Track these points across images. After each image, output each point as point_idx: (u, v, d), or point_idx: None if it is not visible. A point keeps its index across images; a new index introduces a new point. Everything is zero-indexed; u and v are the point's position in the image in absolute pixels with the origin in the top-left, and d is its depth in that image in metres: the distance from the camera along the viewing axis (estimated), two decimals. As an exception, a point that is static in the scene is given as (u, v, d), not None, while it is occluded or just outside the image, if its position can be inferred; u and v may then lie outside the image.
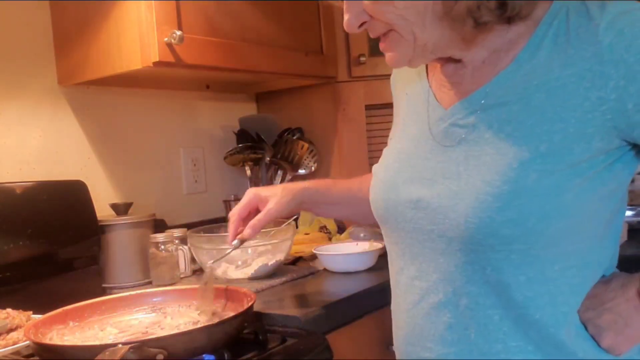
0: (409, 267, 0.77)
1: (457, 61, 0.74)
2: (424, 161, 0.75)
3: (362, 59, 1.71)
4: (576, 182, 0.64)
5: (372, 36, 0.72)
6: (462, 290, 0.71)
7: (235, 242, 0.95)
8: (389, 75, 0.93)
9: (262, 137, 1.73)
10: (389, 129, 0.93)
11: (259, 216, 0.96)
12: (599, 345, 0.69)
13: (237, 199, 1.66)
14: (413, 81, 0.83)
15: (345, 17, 0.70)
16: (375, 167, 0.86)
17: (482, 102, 0.71)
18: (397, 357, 0.83)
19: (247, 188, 1.74)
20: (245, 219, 0.98)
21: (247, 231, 0.95)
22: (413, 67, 0.75)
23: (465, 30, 0.68)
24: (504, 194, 0.65)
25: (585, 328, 0.69)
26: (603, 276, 0.72)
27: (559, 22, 0.67)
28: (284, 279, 1.23)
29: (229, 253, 1.00)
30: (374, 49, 1.79)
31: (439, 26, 0.68)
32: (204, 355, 0.77)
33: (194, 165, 1.73)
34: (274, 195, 0.97)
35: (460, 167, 0.70)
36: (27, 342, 0.85)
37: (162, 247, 1.29)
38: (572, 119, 0.64)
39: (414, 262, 0.76)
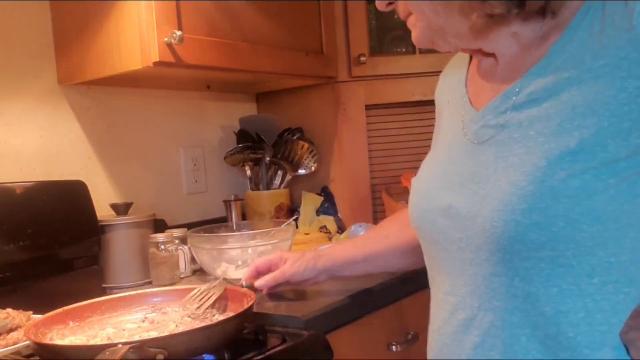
0: (443, 282, 0.74)
1: (490, 56, 0.72)
2: (455, 166, 0.73)
3: (362, 59, 1.71)
4: (610, 183, 0.58)
5: (402, 18, 0.72)
6: (488, 305, 0.66)
7: (245, 283, 1.06)
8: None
9: (262, 137, 1.73)
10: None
11: (274, 273, 1.05)
12: None
13: (237, 199, 1.68)
14: (455, 89, 0.81)
15: None
16: (413, 179, 0.84)
17: (513, 100, 0.67)
18: None
19: (247, 188, 1.76)
20: (262, 272, 1.08)
21: (259, 282, 1.06)
22: (441, 50, 0.73)
23: (476, 20, 0.66)
24: (529, 195, 0.61)
25: (627, 351, 0.61)
26: None
27: (595, 11, 0.62)
28: (284, 279, 1.23)
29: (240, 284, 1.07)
30: (374, 49, 1.79)
31: (451, 12, 0.66)
32: (204, 355, 0.77)
33: (194, 165, 1.73)
34: (293, 258, 1.06)
35: (489, 169, 0.67)
36: (27, 342, 0.85)
37: (162, 247, 1.29)
38: (606, 113, 0.59)
39: (448, 276, 0.73)
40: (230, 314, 0.92)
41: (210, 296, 0.95)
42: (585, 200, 0.58)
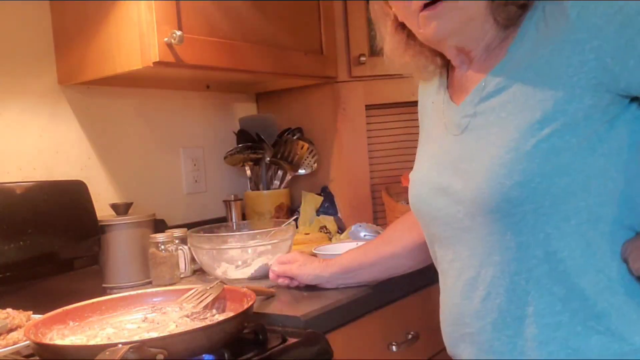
0: (446, 253, 0.86)
1: (465, 61, 0.86)
2: (447, 154, 0.85)
3: (362, 59, 1.71)
4: (573, 141, 0.72)
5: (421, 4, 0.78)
6: (488, 261, 0.78)
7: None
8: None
9: (262, 137, 1.73)
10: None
11: (285, 266, 1.14)
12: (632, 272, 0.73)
13: (237, 199, 1.68)
14: (438, 91, 0.93)
15: None
16: (411, 173, 0.96)
17: (484, 92, 0.81)
18: (444, 340, 0.91)
19: (247, 188, 1.76)
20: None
21: (273, 267, 1.17)
22: (450, 42, 0.84)
23: (510, 9, 0.78)
24: (507, 161, 0.74)
25: (627, 265, 0.73)
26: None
27: (538, 12, 0.76)
28: (284, 279, 1.23)
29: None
30: (374, 49, 1.79)
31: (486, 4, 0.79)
32: (204, 355, 0.77)
33: (194, 165, 1.73)
34: (302, 261, 1.13)
35: (473, 150, 0.80)
36: (27, 342, 0.85)
37: (162, 247, 1.29)
38: (560, 85, 0.72)
39: (450, 246, 0.85)
40: (230, 314, 0.92)
41: (207, 296, 0.95)
42: (554, 157, 0.72)
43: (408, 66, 0.93)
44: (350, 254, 1.13)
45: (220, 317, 0.92)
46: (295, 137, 1.79)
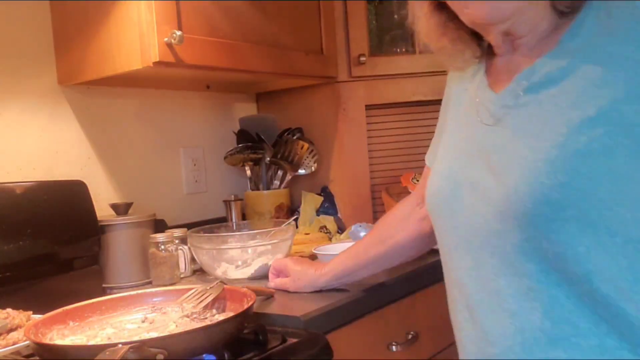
0: (463, 259, 0.76)
1: (509, 47, 0.77)
2: (477, 145, 0.76)
3: (362, 59, 1.71)
4: (627, 143, 0.63)
5: None
6: (522, 270, 0.68)
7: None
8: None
9: (262, 137, 1.73)
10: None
11: (283, 281, 1.14)
12: None
13: (237, 199, 1.68)
14: (473, 78, 0.85)
15: None
16: (431, 161, 0.88)
17: (530, 81, 0.72)
18: (460, 358, 0.81)
19: (247, 188, 1.76)
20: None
21: (270, 284, 1.17)
22: (500, 27, 0.74)
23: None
24: (552, 157, 0.65)
25: None
26: None
27: (600, 2, 0.69)
28: (284, 279, 1.23)
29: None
30: (374, 49, 1.79)
31: None
32: (204, 355, 0.77)
33: (194, 165, 1.73)
34: (296, 275, 1.13)
35: (509, 142, 0.71)
36: (27, 342, 0.85)
37: (162, 247, 1.29)
38: (620, 82, 0.65)
39: (469, 251, 0.75)
40: (230, 314, 0.92)
41: (207, 296, 0.95)
42: (605, 159, 0.63)
43: (444, 50, 0.82)
44: (342, 259, 1.10)
45: (220, 317, 0.92)
46: (295, 137, 1.79)
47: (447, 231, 0.80)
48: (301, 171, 1.79)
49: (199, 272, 1.37)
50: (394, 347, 1.17)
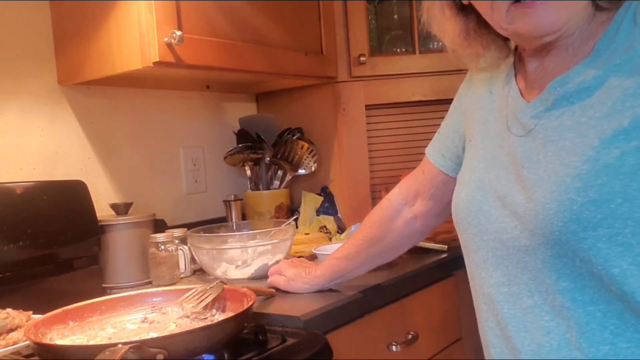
0: (493, 274, 0.74)
1: (542, 52, 0.73)
2: (507, 157, 0.73)
3: (362, 59, 1.71)
4: None
5: None
6: (555, 287, 0.65)
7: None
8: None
9: (262, 137, 1.73)
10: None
11: (280, 280, 1.13)
12: None
13: (237, 199, 1.68)
14: (499, 81, 0.82)
15: None
16: (460, 173, 0.84)
17: (563, 90, 0.69)
18: None
19: (247, 188, 1.76)
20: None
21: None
22: (548, 39, 0.69)
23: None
24: (583, 173, 0.61)
25: None
26: None
27: (635, 5, 0.65)
28: (284, 279, 1.23)
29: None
30: (374, 49, 1.79)
31: None
32: (204, 355, 0.77)
33: (194, 165, 1.73)
34: (288, 277, 1.12)
35: (540, 155, 0.68)
36: (27, 342, 0.85)
37: (162, 247, 1.29)
38: None
39: (499, 267, 0.72)
40: (230, 314, 0.92)
41: (207, 296, 0.95)
42: None
43: (470, 53, 0.79)
44: (334, 262, 1.08)
45: (220, 317, 0.92)
46: (295, 137, 1.79)
47: (475, 244, 0.77)
48: (301, 171, 1.79)
49: (199, 272, 1.37)
50: (394, 347, 1.17)
